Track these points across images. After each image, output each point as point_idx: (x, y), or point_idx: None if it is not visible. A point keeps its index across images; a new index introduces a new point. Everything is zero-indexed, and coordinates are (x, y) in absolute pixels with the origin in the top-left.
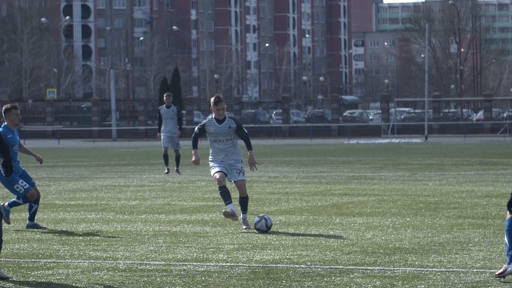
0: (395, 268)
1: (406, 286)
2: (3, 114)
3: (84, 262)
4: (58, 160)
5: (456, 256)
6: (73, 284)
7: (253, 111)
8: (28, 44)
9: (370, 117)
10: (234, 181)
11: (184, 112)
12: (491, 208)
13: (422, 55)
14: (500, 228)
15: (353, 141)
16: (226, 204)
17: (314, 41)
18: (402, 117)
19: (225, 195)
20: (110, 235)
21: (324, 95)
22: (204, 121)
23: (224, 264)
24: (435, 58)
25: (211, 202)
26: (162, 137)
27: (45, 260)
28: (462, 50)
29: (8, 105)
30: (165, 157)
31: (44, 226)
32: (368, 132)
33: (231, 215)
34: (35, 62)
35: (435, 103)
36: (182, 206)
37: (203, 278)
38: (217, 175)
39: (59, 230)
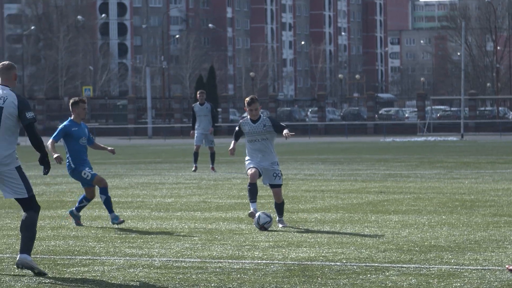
0: (431, 266)
1: (442, 284)
2: (70, 107)
3: (119, 259)
4: (94, 157)
5: (492, 254)
6: (109, 281)
7: (289, 109)
8: (64, 42)
9: (406, 115)
10: (270, 185)
11: (219, 110)
12: None
13: (458, 53)
14: None
15: (389, 139)
16: (251, 202)
17: (350, 39)
18: (438, 115)
19: (252, 193)
20: (145, 232)
21: (360, 93)
22: (241, 121)
23: (259, 261)
24: (471, 56)
25: (246, 199)
26: (195, 134)
27: (80, 257)
28: (499, 48)
29: (76, 98)
30: (195, 155)
31: (82, 224)
32: (404, 130)
33: (252, 216)
34: (71, 60)
35: (471, 101)
36: (218, 204)
37: (238, 276)
38: (251, 171)
39: (95, 227)
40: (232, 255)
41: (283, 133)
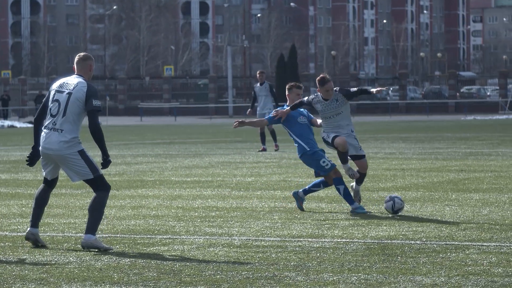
0: (511, 244)
1: None
2: (286, 91)
3: (199, 238)
4: (174, 137)
5: None
6: (188, 260)
7: (370, 87)
8: (146, 21)
9: (488, 93)
10: (353, 157)
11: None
12: None
13: None
14: None
15: (470, 117)
16: (343, 164)
17: (432, 17)
18: None
19: (344, 157)
20: (225, 211)
21: (441, 72)
22: (308, 98)
23: (339, 240)
24: None
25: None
26: (257, 115)
27: (160, 236)
28: None
29: (292, 84)
30: (261, 135)
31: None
32: (486, 109)
33: (353, 172)
34: (152, 39)
35: None
36: (298, 183)
37: (318, 254)
38: (339, 139)
39: (175, 206)
40: (311, 234)
41: (374, 91)
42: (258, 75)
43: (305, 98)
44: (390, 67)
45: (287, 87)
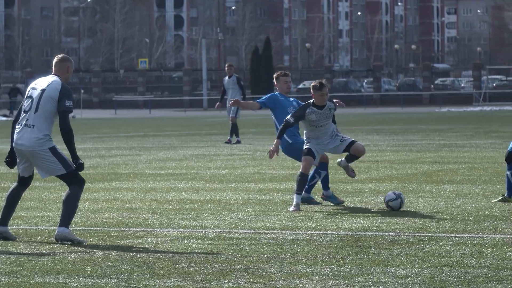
0: (485, 236)
1: (496, 253)
2: (274, 81)
3: (173, 231)
4: (148, 129)
5: None
6: (162, 253)
7: (344, 79)
8: (120, 14)
9: (462, 85)
10: (347, 148)
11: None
12: None
13: None
14: None
15: (444, 109)
16: (296, 194)
17: (406, 9)
18: (494, 84)
19: (301, 184)
20: (199, 204)
21: (415, 64)
22: (300, 109)
23: (312, 232)
24: None
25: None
26: (226, 107)
27: (134, 229)
28: None
29: (278, 73)
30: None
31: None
32: (460, 100)
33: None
34: (127, 32)
35: None
36: (272, 175)
37: (291, 246)
38: (307, 160)
39: (149, 199)
40: (285, 226)
41: (339, 103)
42: (226, 68)
43: (290, 118)
44: (364, 59)
45: (274, 76)
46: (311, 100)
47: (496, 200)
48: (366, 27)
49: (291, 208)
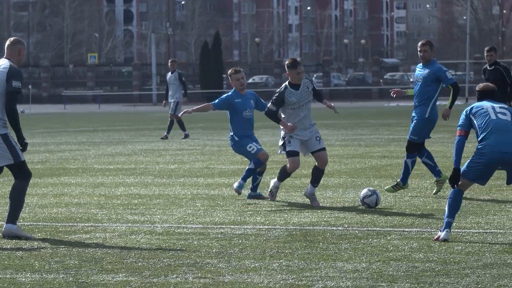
0: (433, 230)
1: (443, 247)
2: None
3: (121, 226)
4: (98, 124)
5: (494, 217)
6: (110, 248)
7: None
8: (69, 9)
9: (411, 80)
10: (313, 152)
11: (224, 76)
12: None
13: (464, 17)
14: None
15: (393, 104)
16: (279, 180)
17: (356, 3)
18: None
19: (284, 177)
20: (148, 199)
21: (365, 58)
22: (278, 94)
23: (261, 226)
24: (477, 20)
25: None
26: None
27: (82, 224)
28: (505, 11)
29: (230, 71)
30: (179, 123)
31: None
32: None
33: (272, 195)
34: (76, 27)
35: (476, 65)
36: (221, 170)
37: (240, 241)
38: (293, 162)
39: (98, 194)
40: (234, 221)
41: (331, 106)
42: (169, 64)
43: (270, 105)
44: (314, 54)
45: (227, 74)
46: (286, 82)
47: (388, 187)
48: (315, 21)
49: (269, 191)
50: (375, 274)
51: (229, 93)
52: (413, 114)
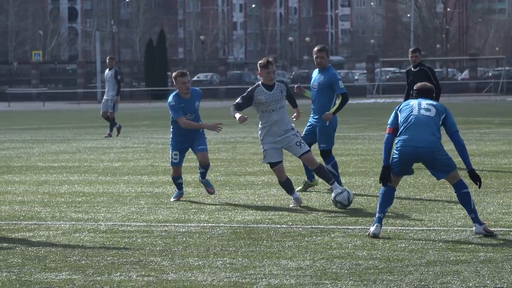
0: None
1: (387, 245)
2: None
3: (65, 224)
4: (42, 122)
5: (438, 215)
6: (54, 246)
7: (239, 72)
8: (13, 6)
9: (356, 77)
10: (299, 157)
11: (168, 73)
12: (474, 166)
13: (408, 15)
14: (482, 186)
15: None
16: (291, 194)
17: (300, 1)
18: (388, 77)
19: (288, 187)
20: (92, 196)
21: (309, 56)
22: (248, 90)
23: (205, 224)
24: (421, 18)
25: (194, 163)
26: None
27: (26, 222)
28: (448, 9)
29: (174, 74)
30: (108, 120)
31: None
32: (354, 92)
33: (298, 202)
34: (20, 24)
35: None
36: (165, 168)
37: (184, 239)
38: (279, 171)
39: (41, 192)
40: (178, 219)
41: (297, 116)
42: (107, 61)
43: (239, 99)
44: (259, 51)
45: (172, 76)
46: (260, 81)
47: (299, 188)
48: (260, 19)
49: (292, 204)
50: (319, 272)
51: (173, 101)
52: (314, 121)
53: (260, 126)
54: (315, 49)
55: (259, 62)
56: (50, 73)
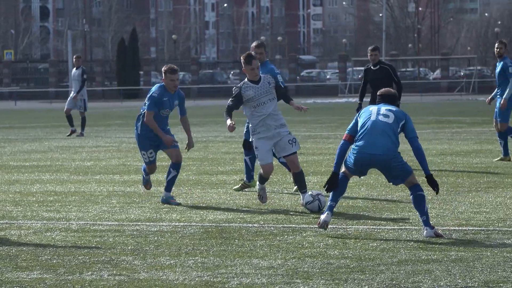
0: (348, 227)
1: (358, 244)
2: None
3: (37, 223)
4: (14, 121)
5: (409, 214)
6: (25, 245)
7: (211, 71)
8: None
9: (328, 77)
10: (284, 157)
11: (141, 72)
12: (445, 166)
13: (380, 14)
14: (454, 185)
15: (310, 101)
16: (260, 183)
17: (272, 1)
18: (360, 76)
19: (264, 180)
20: (63, 196)
21: (281, 55)
22: (236, 89)
23: (177, 224)
24: (393, 17)
25: (166, 162)
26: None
27: None
28: (420, 9)
29: (167, 67)
30: (68, 118)
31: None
32: (326, 92)
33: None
34: None
35: (392, 62)
36: (137, 167)
37: (155, 238)
38: (267, 167)
39: (13, 191)
40: (149, 218)
41: (297, 106)
42: (74, 60)
43: (229, 101)
44: (231, 50)
45: (162, 70)
46: (246, 78)
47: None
48: (232, 18)
49: (258, 197)
50: (291, 271)
51: (157, 91)
52: None
53: (252, 125)
54: (253, 44)
55: (242, 56)
56: (22, 72)
